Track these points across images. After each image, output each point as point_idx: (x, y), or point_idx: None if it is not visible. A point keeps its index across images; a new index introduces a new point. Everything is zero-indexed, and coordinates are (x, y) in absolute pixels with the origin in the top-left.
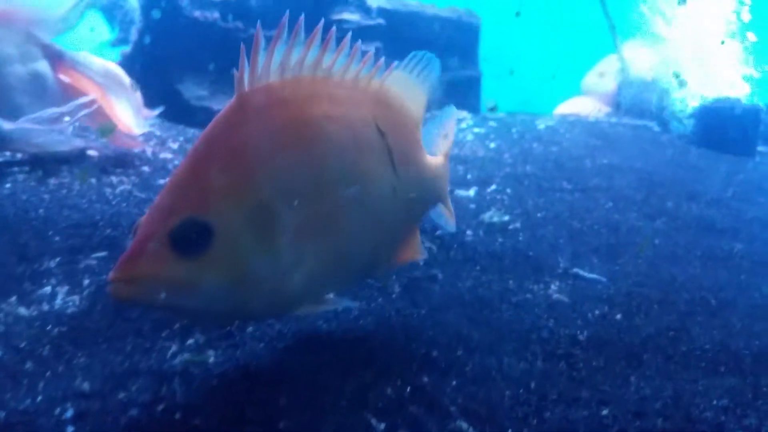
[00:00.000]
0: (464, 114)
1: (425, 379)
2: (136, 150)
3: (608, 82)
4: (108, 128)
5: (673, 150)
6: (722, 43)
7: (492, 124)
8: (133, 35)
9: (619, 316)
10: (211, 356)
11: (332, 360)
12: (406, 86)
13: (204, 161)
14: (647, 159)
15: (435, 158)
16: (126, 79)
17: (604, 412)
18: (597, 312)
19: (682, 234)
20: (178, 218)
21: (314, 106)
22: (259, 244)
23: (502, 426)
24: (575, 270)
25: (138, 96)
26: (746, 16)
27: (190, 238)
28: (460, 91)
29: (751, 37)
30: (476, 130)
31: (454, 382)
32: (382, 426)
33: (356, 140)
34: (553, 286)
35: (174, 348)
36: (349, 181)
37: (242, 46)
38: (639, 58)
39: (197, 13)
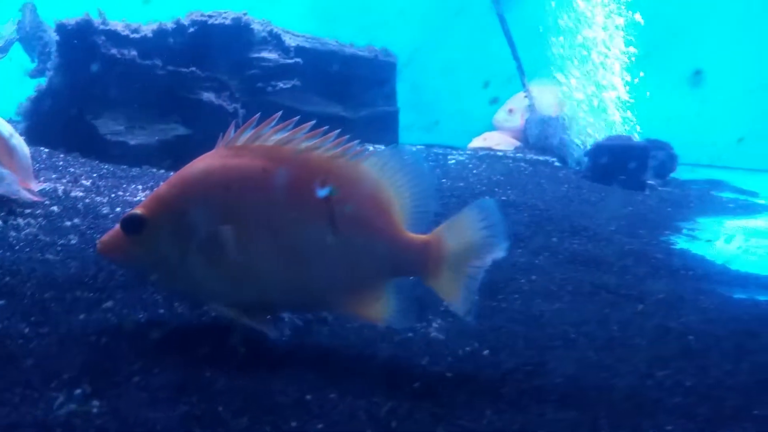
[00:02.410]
0: (381, 148)
1: (294, 423)
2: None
3: (517, 118)
4: None
5: (568, 185)
6: (606, 88)
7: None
8: (49, 70)
9: (486, 352)
10: (95, 407)
11: (206, 409)
12: (383, 170)
13: (167, 180)
14: (542, 195)
15: (419, 236)
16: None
17: None
18: (467, 348)
19: (559, 269)
20: (133, 210)
21: (258, 162)
22: (175, 240)
23: None
24: None
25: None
26: (636, 57)
27: (131, 223)
28: (378, 126)
29: (641, 74)
30: None
31: (320, 425)
32: None
33: (290, 193)
34: (434, 324)
35: (61, 398)
36: (264, 218)
37: (233, 123)
38: (544, 97)
39: (114, 51)
